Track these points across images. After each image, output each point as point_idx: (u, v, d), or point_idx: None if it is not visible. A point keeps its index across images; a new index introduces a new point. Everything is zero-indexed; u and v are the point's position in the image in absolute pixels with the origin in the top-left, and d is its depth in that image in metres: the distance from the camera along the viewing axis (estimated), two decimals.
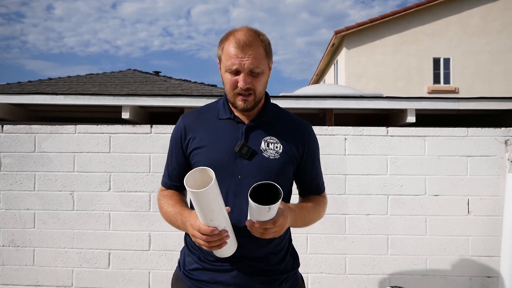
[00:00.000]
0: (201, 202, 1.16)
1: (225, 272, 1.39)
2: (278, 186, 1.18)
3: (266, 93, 1.48)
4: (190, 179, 1.16)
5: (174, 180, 1.50)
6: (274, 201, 1.16)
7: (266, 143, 1.39)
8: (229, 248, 1.30)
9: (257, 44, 1.34)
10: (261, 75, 1.36)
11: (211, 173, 1.16)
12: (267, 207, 1.14)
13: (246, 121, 1.42)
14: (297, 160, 1.44)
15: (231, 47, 1.33)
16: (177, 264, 1.57)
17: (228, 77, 1.35)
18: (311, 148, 1.49)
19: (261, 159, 1.37)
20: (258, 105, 1.42)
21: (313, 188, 1.55)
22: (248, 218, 1.24)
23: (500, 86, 13.93)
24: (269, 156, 1.38)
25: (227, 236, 1.23)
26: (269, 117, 1.44)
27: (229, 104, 1.43)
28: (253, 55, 1.31)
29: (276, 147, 1.39)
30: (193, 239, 1.27)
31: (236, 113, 1.43)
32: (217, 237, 1.20)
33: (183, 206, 1.42)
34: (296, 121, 1.50)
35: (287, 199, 1.49)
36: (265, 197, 1.18)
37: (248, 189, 1.20)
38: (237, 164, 1.36)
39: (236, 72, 1.33)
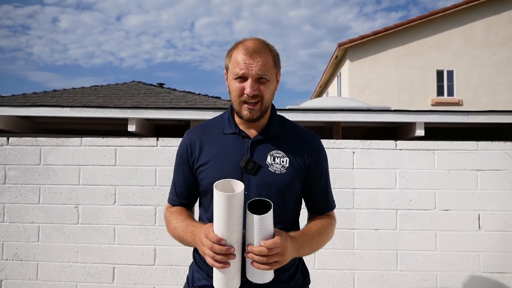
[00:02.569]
0: (226, 208, 1.13)
1: None
2: (267, 199, 1.17)
3: (273, 106, 1.45)
4: (219, 186, 1.17)
5: (181, 198, 1.47)
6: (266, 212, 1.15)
7: (272, 158, 1.36)
8: (231, 279, 1.21)
9: (266, 52, 1.33)
10: (268, 83, 1.33)
11: (240, 184, 1.17)
12: (258, 216, 1.13)
13: (251, 135, 1.39)
14: (304, 174, 1.40)
15: (239, 54, 1.31)
16: (185, 280, 1.53)
17: (235, 84, 1.32)
18: (318, 160, 1.44)
19: (267, 174, 1.34)
20: (264, 116, 1.38)
21: (321, 204, 1.49)
22: (246, 242, 1.20)
23: (504, 98, 13.90)
24: (275, 170, 1.34)
25: (233, 255, 1.17)
26: (275, 131, 1.41)
27: (234, 118, 1.41)
28: (262, 62, 1.30)
29: (283, 161, 1.36)
30: (199, 247, 1.23)
31: (241, 127, 1.39)
32: (225, 251, 1.16)
33: (194, 221, 1.39)
34: (303, 132, 1.46)
35: (296, 214, 1.45)
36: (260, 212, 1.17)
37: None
38: (244, 180, 1.32)
39: (244, 79, 1.31)
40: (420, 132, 5.33)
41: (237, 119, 1.40)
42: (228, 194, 1.12)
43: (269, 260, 1.17)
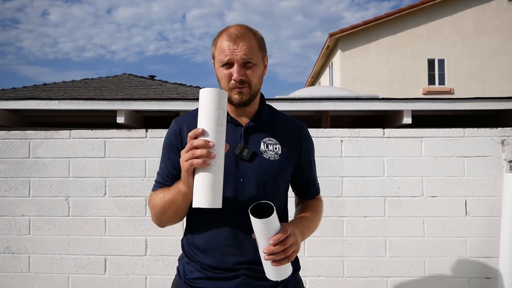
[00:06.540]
0: (207, 102, 1.15)
1: (229, 280, 1.35)
2: (269, 202, 1.19)
3: (262, 94, 1.46)
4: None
5: (168, 182, 1.40)
6: (270, 214, 1.17)
7: (265, 145, 1.37)
8: (211, 193, 1.14)
9: (249, 36, 1.33)
10: (255, 67, 1.33)
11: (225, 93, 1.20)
12: (265, 219, 1.15)
13: (243, 123, 1.40)
14: (295, 161, 1.43)
15: (223, 41, 1.32)
16: (176, 272, 1.50)
17: (222, 71, 1.32)
18: (308, 148, 1.47)
19: (262, 161, 1.35)
20: (254, 100, 1.38)
21: (311, 189, 1.54)
22: (260, 247, 1.22)
23: (494, 87, 14.02)
24: (269, 157, 1.36)
25: (213, 154, 1.13)
26: (266, 118, 1.42)
27: None
28: (246, 46, 1.30)
29: (275, 148, 1.38)
30: (181, 156, 1.17)
31: (233, 115, 1.40)
32: (203, 143, 1.12)
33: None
34: (292, 121, 1.48)
35: (285, 202, 1.47)
36: (262, 215, 1.19)
37: (250, 191, 1.28)
38: (239, 167, 1.33)
39: (230, 65, 1.31)
40: (407, 120, 5.38)
41: (228, 107, 1.38)
42: (210, 88, 1.15)
43: (288, 253, 1.20)
